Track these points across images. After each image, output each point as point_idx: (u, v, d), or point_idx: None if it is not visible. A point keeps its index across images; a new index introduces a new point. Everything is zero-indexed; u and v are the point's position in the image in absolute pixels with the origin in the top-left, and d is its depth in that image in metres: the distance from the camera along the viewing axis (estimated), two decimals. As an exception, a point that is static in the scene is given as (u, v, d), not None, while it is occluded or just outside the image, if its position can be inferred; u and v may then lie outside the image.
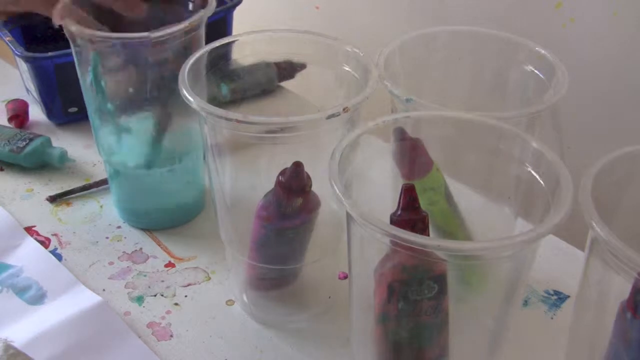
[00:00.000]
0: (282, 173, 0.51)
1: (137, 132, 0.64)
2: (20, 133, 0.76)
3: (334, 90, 0.57)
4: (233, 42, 0.57)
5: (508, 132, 0.48)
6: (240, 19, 0.87)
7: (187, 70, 0.52)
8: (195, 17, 0.59)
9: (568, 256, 0.65)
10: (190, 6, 0.64)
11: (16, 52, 0.76)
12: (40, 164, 0.74)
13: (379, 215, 0.40)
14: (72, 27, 0.58)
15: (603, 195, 0.42)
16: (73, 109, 0.79)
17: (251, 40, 0.57)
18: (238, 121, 0.48)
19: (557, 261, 0.64)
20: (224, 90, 0.58)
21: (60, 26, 0.59)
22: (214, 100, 0.56)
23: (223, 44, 0.56)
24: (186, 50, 0.59)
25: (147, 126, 0.64)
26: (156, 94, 0.62)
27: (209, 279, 0.62)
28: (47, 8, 0.64)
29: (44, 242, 0.66)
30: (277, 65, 0.77)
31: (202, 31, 0.62)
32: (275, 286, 0.59)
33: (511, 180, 0.49)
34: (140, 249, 0.65)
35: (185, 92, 0.50)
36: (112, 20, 0.64)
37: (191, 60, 0.53)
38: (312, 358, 0.56)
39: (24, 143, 0.74)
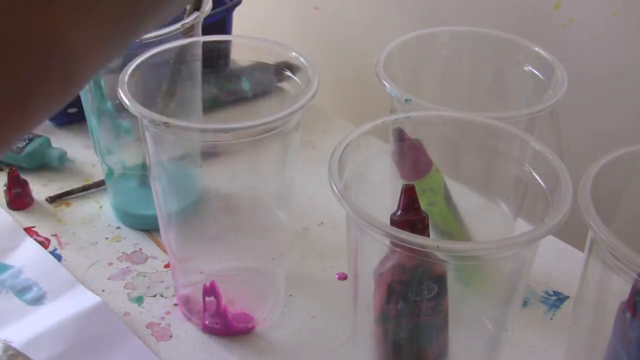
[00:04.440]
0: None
1: (136, 132, 0.64)
2: (20, 134, 0.76)
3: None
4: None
5: (507, 132, 0.48)
6: (239, 19, 0.87)
7: (127, 74, 0.51)
8: (189, 19, 0.60)
9: (567, 257, 0.65)
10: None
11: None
12: (39, 164, 0.74)
13: (379, 216, 0.40)
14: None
15: (603, 195, 0.42)
16: (73, 110, 0.79)
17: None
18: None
19: (556, 262, 0.64)
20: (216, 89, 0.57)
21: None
22: (214, 102, 0.56)
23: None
24: (183, 52, 0.59)
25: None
26: (154, 94, 0.62)
27: (209, 279, 0.62)
28: None
29: (44, 243, 0.65)
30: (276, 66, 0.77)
31: (199, 32, 0.62)
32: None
33: (511, 180, 0.49)
34: (140, 249, 0.65)
35: (122, 95, 0.49)
36: None
37: (131, 67, 0.52)
38: (313, 358, 0.56)
39: (24, 143, 0.74)
